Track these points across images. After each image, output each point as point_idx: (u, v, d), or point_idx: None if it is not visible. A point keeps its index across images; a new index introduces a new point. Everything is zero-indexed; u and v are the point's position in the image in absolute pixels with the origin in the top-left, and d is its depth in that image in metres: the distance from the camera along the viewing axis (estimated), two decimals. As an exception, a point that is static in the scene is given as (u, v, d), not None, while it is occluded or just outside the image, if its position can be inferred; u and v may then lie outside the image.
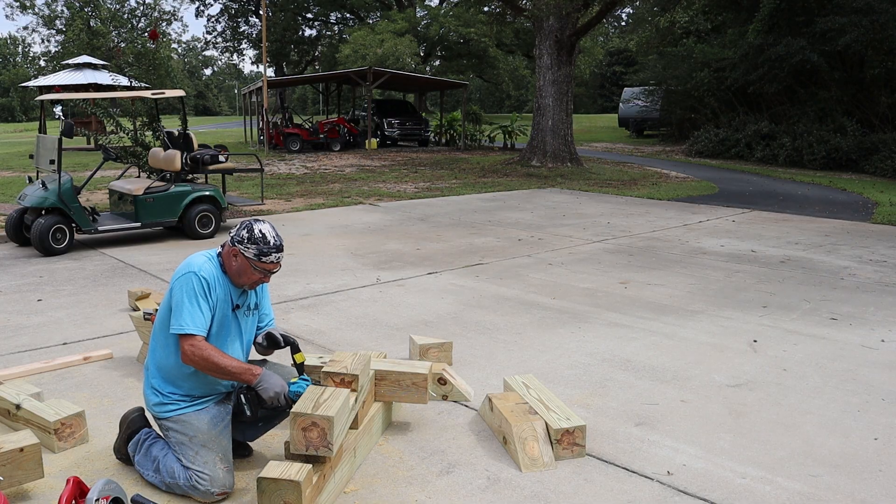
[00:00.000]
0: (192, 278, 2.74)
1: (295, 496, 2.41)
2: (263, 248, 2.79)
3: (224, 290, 2.84)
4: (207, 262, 2.83)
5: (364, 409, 3.05)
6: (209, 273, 2.78)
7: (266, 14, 25.17)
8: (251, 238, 2.79)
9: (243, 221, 2.88)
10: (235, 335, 2.90)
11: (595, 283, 6.09)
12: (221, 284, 2.83)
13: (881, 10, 16.14)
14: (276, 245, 2.83)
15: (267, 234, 2.82)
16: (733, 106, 21.49)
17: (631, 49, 34.19)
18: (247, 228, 2.83)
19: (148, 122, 10.35)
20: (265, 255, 2.79)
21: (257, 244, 2.79)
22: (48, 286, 5.89)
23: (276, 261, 2.85)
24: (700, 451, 3.13)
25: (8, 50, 74.62)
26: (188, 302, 2.71)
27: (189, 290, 2.72)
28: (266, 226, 2.86)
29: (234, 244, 2.81)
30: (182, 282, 2.74)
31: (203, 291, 2.74)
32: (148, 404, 2.84)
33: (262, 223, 2.87)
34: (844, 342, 4.61)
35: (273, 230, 2.87)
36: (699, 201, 11.67)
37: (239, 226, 2.86)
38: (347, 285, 5.97)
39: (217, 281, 2.81)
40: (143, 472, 2.83)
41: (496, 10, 21.78)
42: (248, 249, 2.79)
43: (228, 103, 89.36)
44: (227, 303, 2.84)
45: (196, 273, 2.75)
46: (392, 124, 23.96)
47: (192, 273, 2.75)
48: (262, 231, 2.82)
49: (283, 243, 2.88)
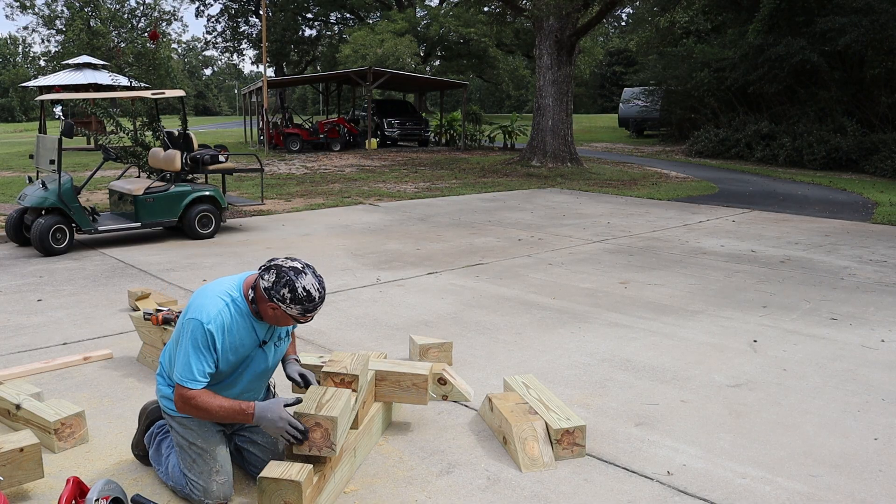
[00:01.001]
0: (198, 330, 2.53)
1: (295, 496, 2.41)
2: (308, 307, 2.54)
3: (247, 332, 2.63)
4: (224, 309, 2.57)
5: (364, 409, 3.05)
6: (220, 325, 2.55)
7: (266, 14, 25.17)
8: (295, 298, 2.51)
9: (281, 274, 2.52)
10: (261, 369, 2.75)
11: (595, 283, 6.09)
12: (243, 327, 2.61)
13: (881, 10, 16.14)
14: (321, 298, 2.57)
15: (311, 290, 2.53)
16: (733, 106, 21.49)
17: (631, 49, 34.20)
18: (288, 286, 2.50)
19: (148, 122, 10.36)
20: (310, 312, 2.56)
21: (302, 304, 2.52)
22: (48, 286, 5.89)
23: (314, 314, 2.60)
24: (700, 451, 3.13)
25: (8, 50, 74.63)
26: (192, 352, 2.53)
27: (192, 340, 2.53)
28: (308, 279, 2.54)
29: (272, 300, 2.52)
30: (189, 326, 2.55)
31: (207, 345, 2.53)
32: (158, 394, 2.78)
33: (303, 276, 2.53)
34: (844, 342, 4.61)
35: (315, 281, 2.56)
36: (699, 201, 11.67)
37: (276, 278, 2.52)
38: (347, 285, 5.97)
39: (234, 325, 2.59)
40: (155, 468, 2.82)
41: (496, 10, 21.77)
42: (290, 308, 2.52)
43: (228, 103, 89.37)
44: (250, 341, 2.65)
45: (203, 325, 2.52)
46: (392, 124, 23.97)
47: (199, 323, 2.53)
48: (307, 289, 2.52)
49: (326, 290, 2.61)
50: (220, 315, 2.55)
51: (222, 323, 2.55)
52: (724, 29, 22.51)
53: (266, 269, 2.57)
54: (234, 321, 2.59)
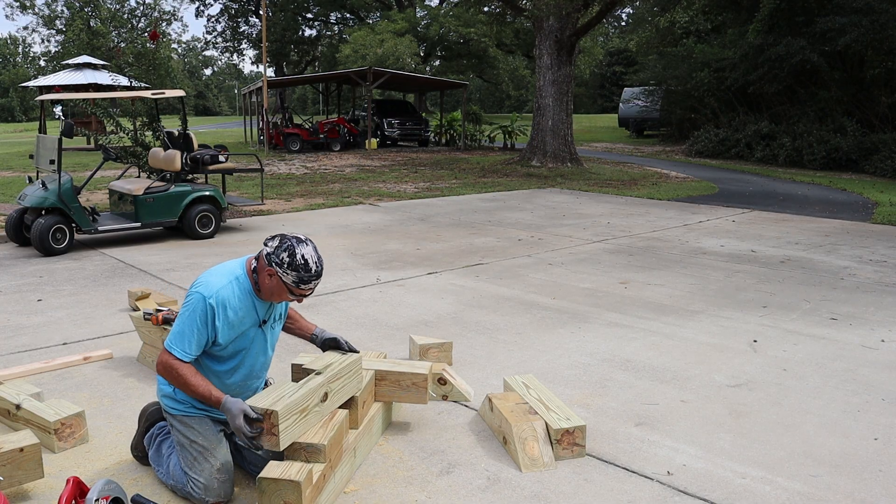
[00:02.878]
0: (200, 303, 2.57)
1: (295, 496, 2.41)
2: (304, 276, 2.60)
3: (248, 310, 2.67)
4: (229, 284, 2.63)
5: (364, 409, 3.05)
6: (224, 299, 2.59)
7: (266, 14, 25.17)
8: (292, 263, 2.58)
9: (284, 240, 2.63)
10: (260, 349, 2.80)
11: (595, 283, 6.09)
12: (245, 304, 2.66)
13: (881, 10, 16.14)
14: (318, 272, 2.63)
15: (309, 260, 2.60)
16: (733, 106, 21.49)
17: (631, 49, 34.18)
18: (288, 251, 2.59)
19: (148, 122, 10.36)
20: (305, 283, 2.61)
21: (298, 271, 2.58)
22: (48, 286, 5.89)
23: (314, 287, 2.66)
24: (700, 451, 3.13)
25: (8, 50, 74.64)
26: (188, 323, 2.57)
27: (191, 313, 2.58)
28: (308, 249, 2.63)
29: (270, 264, 2.59)
30: (191, 299, 2.60)
31: (205, 319, 2.57)
32: (159, 393, 2.79)
33: (304, 245, 2.63)
34: (844, 342, 4.61)
35: (315, 254, 2.64)
36: (699, 201, 11.67)
37: (279, 244, 2.62)
38: (347, 285, 5.97)
39: (238, 303, 2.63)
40: (155, 469, 2.82)
41: (496, 10, 21.78)
42: (287, 274, 2.58)
43: (228, 103, 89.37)
44: (251, 320, 2.70)
45: (205, 299, 2.57)
46: (392, 124, 23.97)
47: (201, 297, 2.58)
48: (305, 257, 2.59)
49: (323, 268, 2.68)
50: (223, 290, 2.61)
51: (224, 298, 2.60)
52: (724, 29, 22.52)
53: (271, 237, 2.69)
54: (237, 297, 2.64)
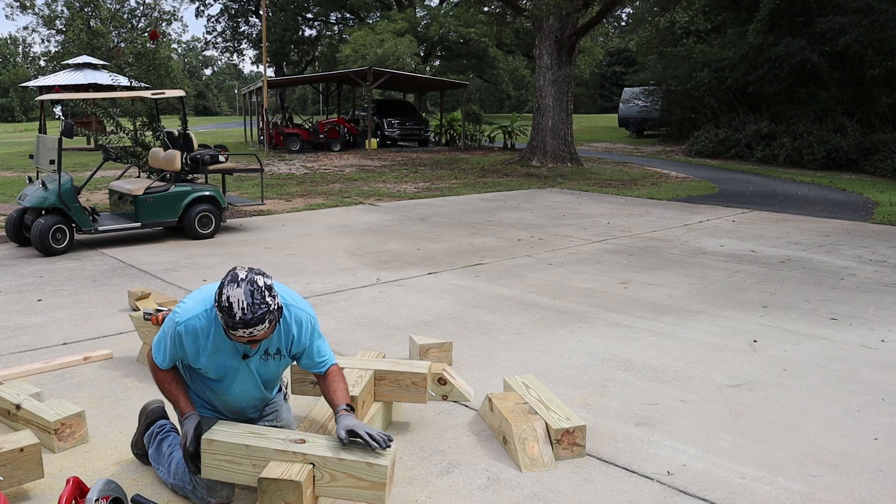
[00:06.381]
0: (170, 327, 2.53)
1: (296, 496, 2.40)
2: (228, 322, 2.30)
3: (222, 342, 2.53)
4: (204, 314, 2.50)
5: (364, 409, 3.05)
6: (192, 328, 2.49)
7: (266, 14, 25.16)
8: (219, 304, 2.31)
9: (227, 274, 2.35)
10: (246, 381, 2.67)
11: (595, 283, 6.09)
12: (218, 335, 2.51)
13: (881, 10, 16.14)
14: (243, 319, 2.26)
15: (234, 304, 2.26)
16: (733, 106, 21.49)
17: (631, 49, 34.22)
18: (220, 289, 2.32)
19: (148, 122, 10.36)
20: (231, 329, 2.33)
21: (223, 313, 2.31)
22: (48, 286, 5.89)
23: (245, 336, 2.32)
24: (700, 451, 3.13)
25: (8, 50, 74.66)
26: (162, 339, 2.57)
27: (164, 331, 2.57)
28: (240, 291, 2.27)
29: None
30: (169, 317, 2.57)
31: (174, 341, 2.52)
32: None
33: (236, 286, 2.29)
34: (844, 342, 4.61)
35: (247, 298, 2.27)
36: (699, 201, 11.67)
37: (221, 280, 2.38)
38: (347, 285, 5.97)
39: (209, 332, 2.51)
40: (154, 467, 2.82)
41: (496, 10, 21.77)
42: (219, 315, 2.34)
43: (228, 103, 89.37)
44: (231, 351, 2.57)
45: (175, 324, 2.50)
46: (392, 124, 23.97)
47: (172, 321, 2.52)
48: (231, 300, 2.27)
49: (257, 316, 2.27)
50: (192, 320, 2.50)
51: (193, 328, 2.50)
52: (724, 29, 22.51)
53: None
54: (209, 328, 2.51)
